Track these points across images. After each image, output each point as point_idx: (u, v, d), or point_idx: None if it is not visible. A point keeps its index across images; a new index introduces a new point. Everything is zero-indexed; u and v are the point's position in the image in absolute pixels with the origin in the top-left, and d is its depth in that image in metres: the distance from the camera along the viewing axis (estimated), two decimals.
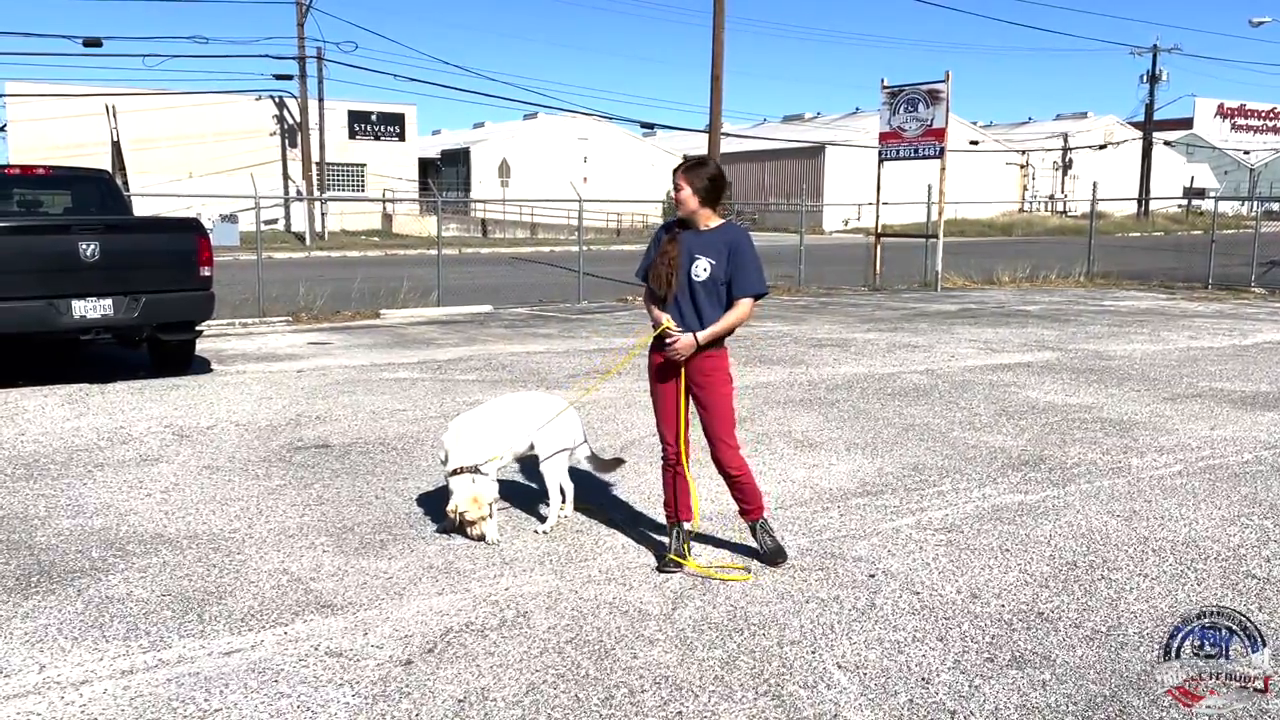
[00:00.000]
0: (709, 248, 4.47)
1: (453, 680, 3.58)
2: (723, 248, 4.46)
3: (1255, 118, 76.72)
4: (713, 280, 4.44)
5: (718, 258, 4.44)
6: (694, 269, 4.45)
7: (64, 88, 36.20)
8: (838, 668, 3.69)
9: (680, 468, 4.67)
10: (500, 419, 5.17)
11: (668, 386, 4.64)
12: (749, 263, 4.47)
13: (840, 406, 8.31)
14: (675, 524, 4.74)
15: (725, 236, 4.51)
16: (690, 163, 4.57)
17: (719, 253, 4.45)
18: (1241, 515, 5.50)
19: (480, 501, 4.87)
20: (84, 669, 3.64)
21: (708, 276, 4.44)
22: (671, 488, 4.72)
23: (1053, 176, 64.36)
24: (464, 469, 4.92)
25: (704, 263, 4.44)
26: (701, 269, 4.44)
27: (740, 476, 4.64)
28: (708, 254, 4.45)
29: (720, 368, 4.57)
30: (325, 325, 13.94)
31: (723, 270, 4.45)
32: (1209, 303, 17.53)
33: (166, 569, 4.62)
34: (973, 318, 15.00)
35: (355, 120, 44.86)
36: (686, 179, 4.47)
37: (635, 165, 55.97)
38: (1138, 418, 7.95)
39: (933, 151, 19.56)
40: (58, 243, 8.63)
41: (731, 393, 4.63)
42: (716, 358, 4.56)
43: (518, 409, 5.28)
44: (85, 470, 6.30)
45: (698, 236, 4.51)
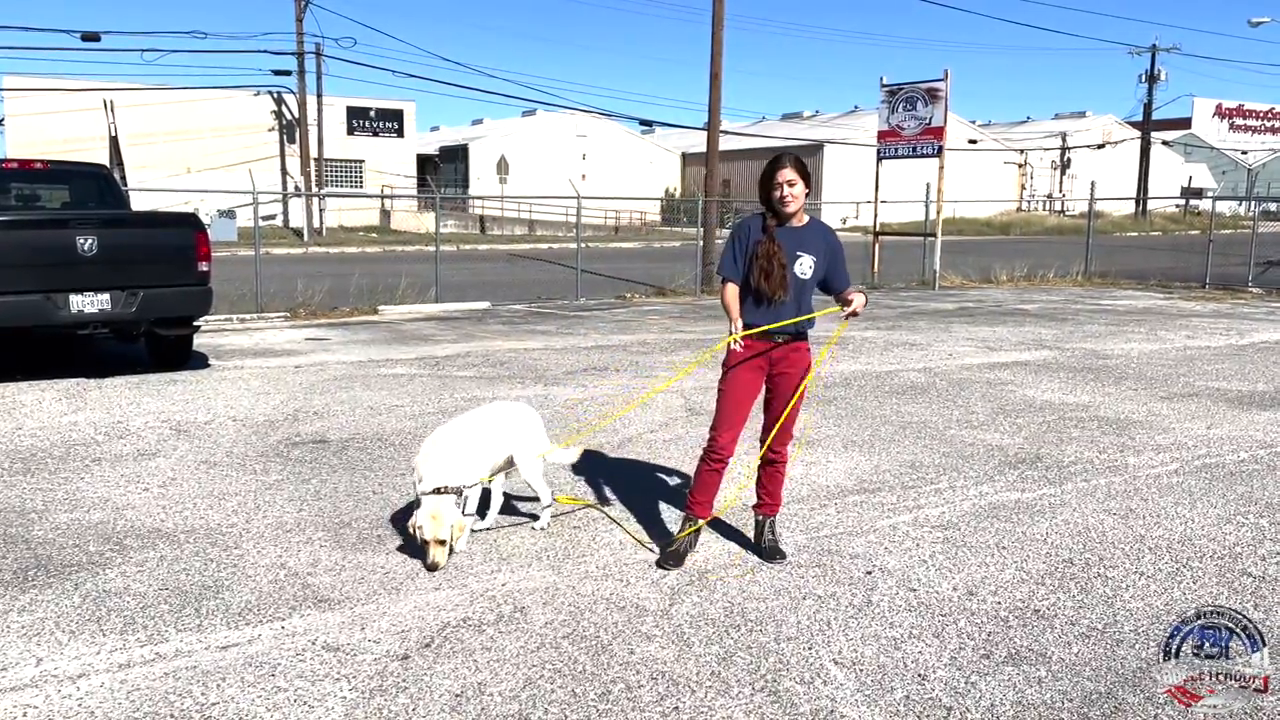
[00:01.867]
0: (810, 245, 4.50)
1: (450, 675, 3.58)
2: (823, 246, 4.53)
3: (1254, 118, 76.78)
4: (814, 277, 4.52)
5: (819, 255, 4.50)
6: (798, 266, 4.47)
7: (62, 82, 36.11)
8: (834, 664, 3.69)
9: (724, 466, 4.67)
10: (475, 436, 4.90)
11: (752, 386, 4.61)
12: (844, 260, 4.60)
13: (838, 404, 8.31)
14: (695, 519, 4.72)
15: (822, 235, 4.57)
16: (792, 156, 4.47)
17: (819, 251, 4.51)
18: (1237, 514, 5.51)
19: (440, 520, 4.51)
20: (81, 663, 3.64)
21: (812, 273, 4.50)
22: (716, 487, 4.71)
23: (1051, 176, 64.40)
24: (445, 489, 4.61)
25: (808, 260, 4.48)
26: (807, 266, 4.48)
27: (784, 466, 4.74)
28: (810, 251, 4.49)
29: (808, 360, 4.64)
30: (323, 321, 13.93)
31: (823, 267, 4.51)
32: (1206, 302, 17.54)
33: (164, 563, 4.62)
34: (970, 316, 15.01)
35: (354, 116, 44.84)
36: (800, 173, 4.43)
37: (634, 162, 55.97)
38: (1135, 416, 7.96)
39: (931, 150, 19.56)
40: (55, 237, 8.62)
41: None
42: (805, 349, 4.63)
43: (491, 423, 5.03)
44: (82, 465, 6.30)
45: (794, 234, 4.50)
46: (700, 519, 4.73)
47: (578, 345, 11.66)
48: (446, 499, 4.57)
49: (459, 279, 19.32)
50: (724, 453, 4.62)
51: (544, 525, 5.14)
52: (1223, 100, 75.31)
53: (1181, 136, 69.12)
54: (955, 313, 15.52)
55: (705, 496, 4.71)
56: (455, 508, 4.60)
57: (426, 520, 4.52)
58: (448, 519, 4.53)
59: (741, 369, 4.55)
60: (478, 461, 4.85)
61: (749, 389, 4.60)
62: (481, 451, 4.88)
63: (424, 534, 4.52)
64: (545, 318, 14.62)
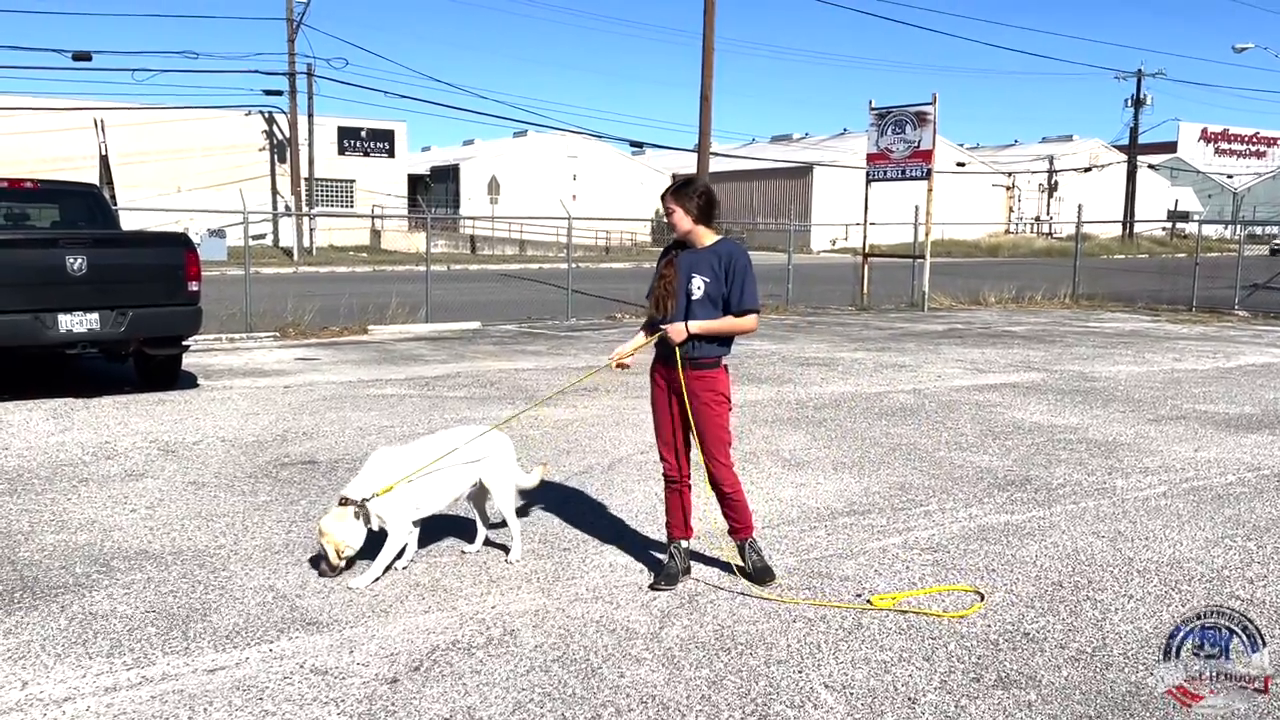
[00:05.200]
0: (704, 265, 4.50)
1: (439, 699, 3.56)
2: (718, 264, 4.50)
3: (1238, 142, 77.57)
4: (708, 297, 4.48)
5: (712, 275, 4.48)
6: (691, 287, 4.49)
7: (53, 101, 36.11)
8: (825, 687, 3.69)
9: (682, 485, 4.70)
10: (420, 459, 4.75)
11: (663, 405, 4.67)
12: (744, 278, 4.49)
13: (828, 425, 8.33)
14: (674, 541, 4.74)
15: (720, 252, 4.53)
16: (678, 184, 4.59)
17: (714, 270, 4.49)
18: (1225, 536, 5.53)
19: (328, 536, 4.57)
20: (67, 686, 3.61)
21: (703, 294, 4.48)
22: (679, 507, 4.73)
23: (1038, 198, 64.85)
24: (348, 500, 4.62)
25: (699, 280, 4.48)
26: (697, 286, 4.48)
27: (732, 495, 4.66)
28: (703, 272, 4.49)
29: (712, 387, 4.57)
30: (313, 341, 13.90)
31: (719, 287, 4.48)
32: (1193, 325, 17.66)
33: (151, 585, 4.59)
34: (959, 338, 15.07)
35: (345, 136, 44.90)
36: (676, 200, 4.50)
37: (625, 184, 56.14)
38: (1123, 439, 7.99)
39: (920, 173, 19.70)
40: (45, 256, 8.60)
41: (725, 412, 4.63)
42: (709, 377, 4.56)
43: (447, 447, 4.83)
44: (70, 485, 6.26)
45: (694, 255, 4.55)
46: (678, 539, 4.75)
47: (568, 365, 11.66)
48: (347, 516, 4.60)
49: (449, 299, 19.32)
50: (670, 471, 4.71)
51: (516, 558, 4.97)
52: (1208, 125, 76.08)
53: (1168, 160, 69.77)
54: (944, 334, 15.59)
55: (674, 518, 4.76)
56: (350, 521, 4.60)
57: (317, 531, 4.70)
58: (339, 536, 4.59)
59: (652, 387, 4.71)
60: (438, 492, 4.75)
61: (661, 406, 4.69)
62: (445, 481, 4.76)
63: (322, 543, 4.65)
64: (536, 338, 14.62)
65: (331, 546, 4.60)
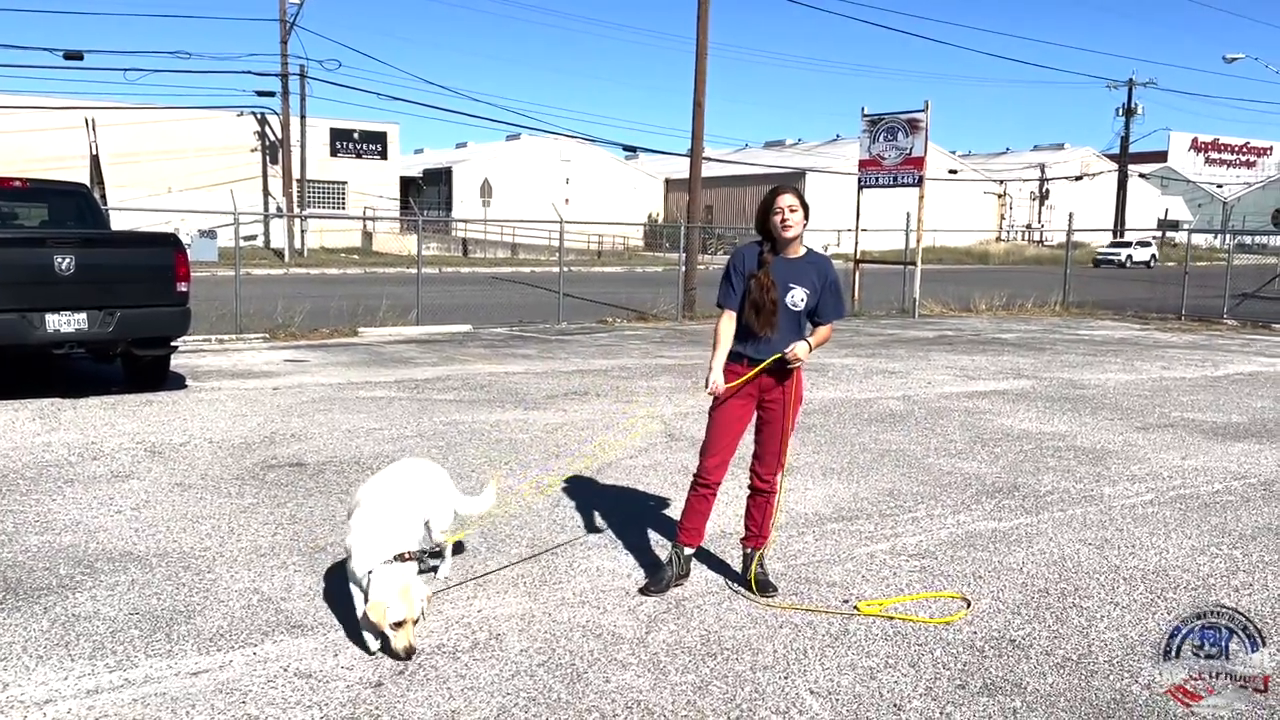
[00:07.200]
0: (803, 277, 4.47)
1: (423, 703, 3.55)
2: (816, 278, 4.50)
3: (1229, 152, 77.94)
4: (806, 310, 4.50)
5: (812, 288, 4.47)
6: (790, 298, 4.44)
7: (43, 100, 35.97)
8: (810, 693, 3.68)
9: (714, 491, 4.65)
10: (406, 496, 4.36)
11: (743, 414, 4.59)
12: (839, 292, 4.59)
13: (817, 431, 8.33)
14: (679, 546, 4.71)
15: (817, 266, 4.54)
16: (789, 185, 4.53)
17: (813, 283, 4.48)
18: (1211, 545, 5.55)
19: (410, 595, 3.79)
20: (48, 688, 3.59)
21: (804, 307, 4.48)
22: (703, 513, 4.67)
23: (1029, 206, 65.12)
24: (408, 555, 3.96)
25: (800, 292, 4.45)
26: (800, 299, 4.46)
27: (774, 496, 4.67)
28: (802, 284, 4.46)
29: (800, 391, 4.63)
30: (303, 343, 13.86)
31: (814, 299, 4.50)
32: (1182, 333, 17.73)
33: (135, 587, 4.57)
34: (950, 345, 15.11)
35: (337, 138, 44.86)
36: (801, 201, 4.45)
37: (617, 187, 56.21)
38: (1111, 447, 8.02)
39: (911, 180, 19.75)
40: (32, 255, 8.56)
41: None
42: (801, 378, 4.61)
43: (410, 483, 4.50)
44: (55, 486, 6.23)
45: (788, 265, 4.48)
46: (687, 546, 4.70)
47: (559, 369, 11.65)
48: (409, 566, 3.92)
49: (440, 301, 19.29)
50: (711, 478, 4.60)
51: (447, 576, 4.76)
52: (1198, 134, 76.44)
53: (1158, 169, 70.06)
54: (934, 341, 15.62)
55: (693, 523, 4.69)
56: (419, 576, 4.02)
57: (395, 597, 3.73)
58: (418, 591, 3.84)
59: (732, 398, 4.55)
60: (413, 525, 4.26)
61: (739, 417, 4.59)
62: (413, 514, 4.32)
63: (393, 615, 3.72)
64: (527, 341, 14.61)
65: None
